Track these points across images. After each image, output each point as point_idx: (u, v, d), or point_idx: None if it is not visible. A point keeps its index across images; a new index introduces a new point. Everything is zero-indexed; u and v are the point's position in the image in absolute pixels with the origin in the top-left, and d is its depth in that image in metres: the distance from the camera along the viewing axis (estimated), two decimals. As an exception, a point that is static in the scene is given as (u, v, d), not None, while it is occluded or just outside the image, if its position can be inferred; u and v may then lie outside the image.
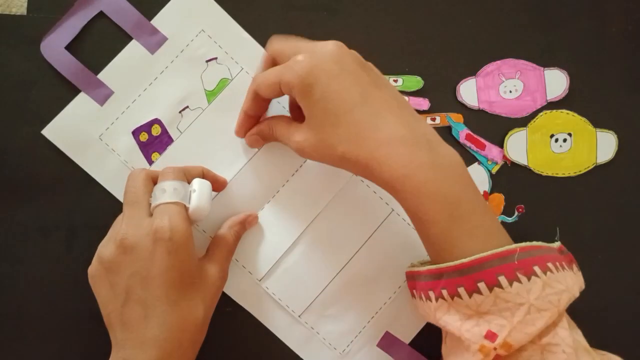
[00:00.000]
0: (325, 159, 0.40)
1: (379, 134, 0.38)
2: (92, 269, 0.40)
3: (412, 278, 0.43)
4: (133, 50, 0.47)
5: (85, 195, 0.48)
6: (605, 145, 0.51)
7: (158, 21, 0.47)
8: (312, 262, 0.49)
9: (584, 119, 0.50)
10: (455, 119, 0.49)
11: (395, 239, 0.49)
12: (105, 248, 0.39)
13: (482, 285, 0.36)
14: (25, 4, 0.47)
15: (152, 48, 0.47)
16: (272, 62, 0.43)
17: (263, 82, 0.41)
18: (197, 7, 0.47)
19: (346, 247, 0.49)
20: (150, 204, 0.40)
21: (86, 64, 0.47)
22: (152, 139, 0.48)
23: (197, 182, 0.41)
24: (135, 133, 0.47)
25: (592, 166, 0.51)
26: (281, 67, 0.40)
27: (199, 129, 0.48)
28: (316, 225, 0.49)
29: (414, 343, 0.50)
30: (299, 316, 0.48)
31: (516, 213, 0.50)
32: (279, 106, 0.49)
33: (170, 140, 0.48)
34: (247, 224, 0.47)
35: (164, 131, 0.48)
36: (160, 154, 0.48)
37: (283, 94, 0.41)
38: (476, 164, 0.50)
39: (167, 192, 0.40)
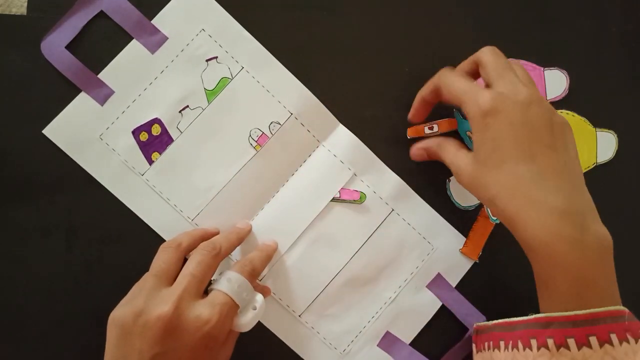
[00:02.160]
0: (475, 191, 0.41)
1: (534, 196, 0.38)
2: (117, 318, 0.39)
3: (488, 330, 0.43)
4: (133, 49, 0.47)
5: (86, 195, 0.48)
6: (605, 145, 0.51)
7: (158, 21, 0.47)
8: (312, 262, 0.49)
9: (583, 119, 0.50)
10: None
11: (396, 239, 0.49)
12: (123, 313, 0.38)
13: (593, 340, 0.36)
14: (25, 4, 0.47)
15: (153, 48, 0.47)
16: (474, 66, 0.44)
17: (449, 85, 0.42)
18: (197, 6, 0.47)
19: (346, 247, 0.49)
20: (174, 277, 0.41)
21: (87, 64, 0.47)
22: (152, 139, 0.48)
23: (260, 300, 0.42)
24: (136, 133, 0.47)
25: (592, 166, 0.51)
26: (471, 87, 0.41)
27: (199, 129, 0.48)
28: (316, 225, 0.49)
29: (415, 343, 0.50)
30: (299, 316, 0.49)
31: None
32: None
33: (170, 139, 0.48)
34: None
35: (164, 131, 0.48)
36: (160, 153, 0.48)
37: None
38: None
39: (233, 287, 0.41)
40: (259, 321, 0.48)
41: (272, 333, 0.49)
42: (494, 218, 0.50)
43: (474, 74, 0.44)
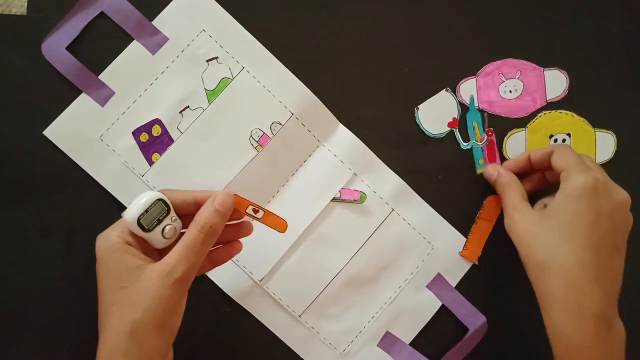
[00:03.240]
0: (526, 245, 0.43)
1: (582, 291, 0.40)
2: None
3: None
4: (134, 50, 0.47)
5: (86, 196, 0.48)
6: (604, 146, 0.51)
7: (159, 21, 0.47)
8: (312, 262, 0.49)
9: (583, 119, 0.50)
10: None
11: (396, 239, 0.50)
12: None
13: None
14: (25, 4, 0.47)
15: (153, 48, 0.47)
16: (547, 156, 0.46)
17: (564, 154, 0.44)
18: (197, 7, 0.47)
19: (346, 247, 0.49)
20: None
21: (87, 65, 0.47)
22: (153, 139, 0.48)
23: (140, 195, 0.39)
24: (136, 133, 0.47)
25: (592, 166, 0.51)
26: (583, 162, 0.43)
27: (200, 129, 0.48)
28: (316, 225, 0.49)
29: (415, 343, 0.50)
30: (300, 316, 0.49)
31: (486, 137, 0.50)
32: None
33: (170, 140, 0.48)
34: (218, 206, 0.39)
35: (165, 131, 0.48)
36: (160, 154, 0.48)
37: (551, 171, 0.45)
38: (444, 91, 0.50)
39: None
40: (259, 321, 0.48)
41: (272, 333, 0.49)
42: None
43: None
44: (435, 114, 0.50)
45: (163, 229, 0.39)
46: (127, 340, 0.37)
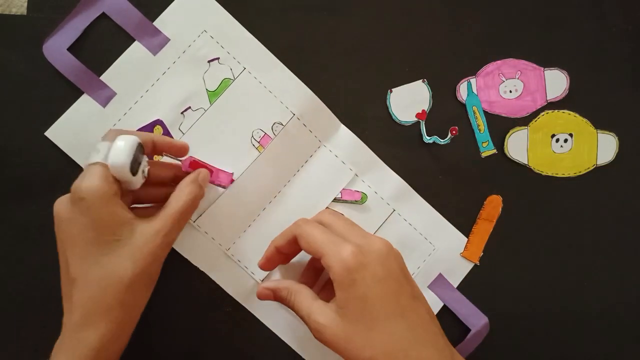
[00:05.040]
0: (344, 352, 0.39)
1: (411, 352, 0.38)
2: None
3: None
4: (135, 51, 0.47)
5: (87, 197, 0.47)
6: (605, 147, 0.51)
7: (160, 22, 0.47)
8: (313, 263, 0.49)
9: (585, 119, 0.50)
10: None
11: (397, 239, 0.49)
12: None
13: None
14: (25, 4, 0.47)
15: (155, 49, 0.47)
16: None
17: (308, 236, 0.41)
18: (199, 7, 0.48)
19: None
20: None
21: (88, 66, 0.47)
22: (154, 140, 0.48)
23: (118, 139, 0.39)
24: (137, 134, 0.47)
25: (592, 167, 0.51)
26: (331, 238, 0.40)
27: (201, 130, 0.48)
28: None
29: (416, 343, 0.50)
30: (301, 316, 0.48)
31: (449, 135, 0.50)
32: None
33: (172, 141, 0.48)
34: (201, 181, 0.43)
35: (166, 132, 0.48)
36: (161, 155, 0.47)
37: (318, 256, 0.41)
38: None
39: (93, 153, 0.39)
40: (259, 320, 0.48)
41: (273, 333, 0.49)
42: None
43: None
44: (406, 102, 0.50)
45: (143, 171, 0.41)
46: (125, 291, 0.38)
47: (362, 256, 0.39)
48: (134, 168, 0.39)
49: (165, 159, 0.46)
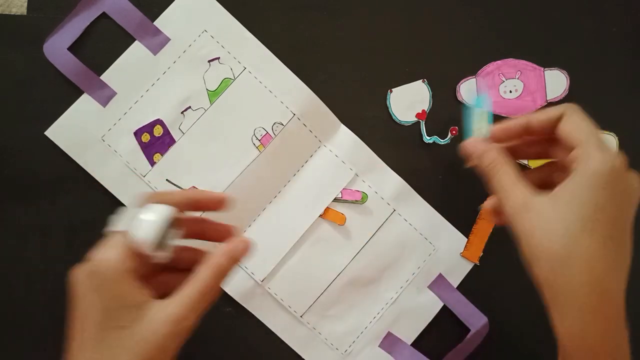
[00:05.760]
0: (527, 238, 0.35)
1: (603, 295, 0.34)
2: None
3: None
4: (136, 51, 0.47)
5: (86, 196, 0.48)
6: (605, 147, 0.51)
7: (161, 22, 0.47)
8: (313, 263, 0.49)
9: (585, 119, 0.50)
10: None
11: (397, 240, 0.50)
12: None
13: None
14: (25, 4, 0.47)
15: (155, 49, 0.47)
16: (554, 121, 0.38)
17: (576, 122, 0.37)
18: (199, 7, 0.48)
19: (348, 248, 0.49)
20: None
21: (89, 65, 0.47)
22: (154, 140, 0.48)
23: (148, 210, 0.34)
24: (138, 134, 0.47)
25: (592, 167, 0.51)
26: (599, 135, 0.36)
27: (201, 130, 0.48)
28: (318, 226, 0.49)
29: (416, 344, 0.50)
30: (301, 316, 0.48)
31: (449, 135, 0.50)
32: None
33: (172, 141, 0.48)
34: (237, 254, 0.35)
35: (166, 132, 0.48)
36: (162, 154, 0.48)
37: (557, 146, 0.38)
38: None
39: (119, 217, 0.35)
40: (260, 321, 0.48)
41: (273, 333, 0.49)
42: None
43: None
44: (406, 102, 0.50)
45: (172, 245, 0.35)
46: None
47: (623, 175, 0.35)
48: (163, 244, 0.34)
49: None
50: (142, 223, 0.33)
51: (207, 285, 0.33)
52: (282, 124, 0.48)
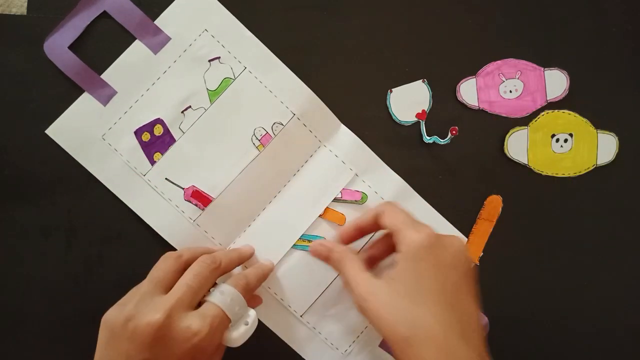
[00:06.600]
0: (376, 326, 0.38)
1: (448, 342, 0.36)
2: (108, 320, 0.39)
3: None
4: (136, 50, 0.47)
5: (86, 195, 0.48)
6: (606, 147, 0.51)
7: (161, 21, 0.47)
8: (314, 262, 0.48)
9: (585, 120, 0.51)
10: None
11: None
12: (114, 316, 0.38)
13: None
14: (25, 4, 0.47)
15: (155, 48, 0.47)
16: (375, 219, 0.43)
17: (392, 212, 0.42)
18: (200, 7, 0.48)
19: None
20: (170, 286, 0.40)
21: (89, 64, 0.47)
22: (155, 139, 0.48)
23: (252, 315, 0.42)
24: (138, 133, 0.47)
25: (592, 167, 0.51)
26: (411, 221, 0.41)
27: (202, 129, 0.48)
28: (318, 226, 0.49)
29: (416, 343, 0.49)
30: (301, 316, 0.48)
31: (449, 135, 0.50)
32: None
33: (172, 140, 0.48)
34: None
35: (167, 131, 0.48)
36: (162, 154, 0.48)
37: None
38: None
39: (226, 300, 0.40)
40: (260, 321, 0.48)
41: (273, 333, 0.48)
42: None
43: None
44: (406, 102, 0.50)
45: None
46: None
47: (437, 241, 0.39)
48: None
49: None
50: (247, 330, 0.41)
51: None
52: (282, 124, 0.48)
